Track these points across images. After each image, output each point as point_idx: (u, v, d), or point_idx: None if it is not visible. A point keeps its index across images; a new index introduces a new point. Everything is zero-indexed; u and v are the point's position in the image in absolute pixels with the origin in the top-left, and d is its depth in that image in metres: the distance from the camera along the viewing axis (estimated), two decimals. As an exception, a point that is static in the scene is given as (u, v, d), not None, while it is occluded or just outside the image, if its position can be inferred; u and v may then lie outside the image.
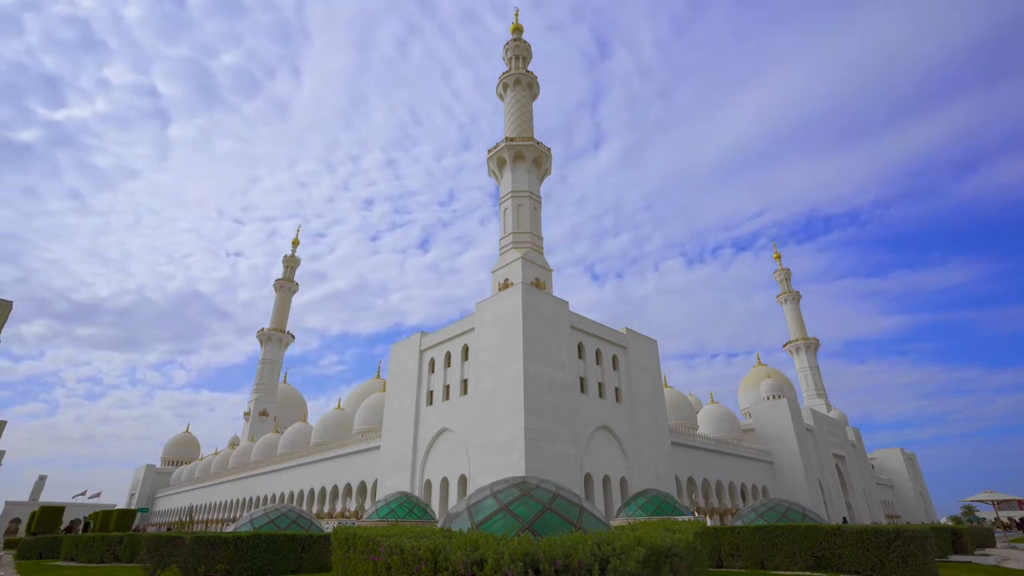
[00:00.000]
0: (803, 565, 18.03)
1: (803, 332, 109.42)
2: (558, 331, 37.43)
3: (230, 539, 17.03)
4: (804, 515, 20.56)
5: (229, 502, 74.72)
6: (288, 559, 17.97)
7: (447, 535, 6.81)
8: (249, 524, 20.48)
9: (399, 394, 44.75)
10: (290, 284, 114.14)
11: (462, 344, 40.02)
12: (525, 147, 51.77)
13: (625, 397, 42.08)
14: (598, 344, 41.50)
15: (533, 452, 31.62)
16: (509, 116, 56.67)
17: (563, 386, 35.86)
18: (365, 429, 57.01)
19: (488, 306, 38.36)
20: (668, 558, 6.59)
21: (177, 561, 17.57)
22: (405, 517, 26.21)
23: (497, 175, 53.62)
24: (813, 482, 62.81)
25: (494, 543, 5.89)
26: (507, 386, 33.91)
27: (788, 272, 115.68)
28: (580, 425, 36.45)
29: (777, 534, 18.87)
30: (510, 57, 60.37)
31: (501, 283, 45.85)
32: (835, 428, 79.83)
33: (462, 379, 39.23)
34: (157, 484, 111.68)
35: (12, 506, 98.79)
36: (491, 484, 10.64)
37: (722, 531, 20.57)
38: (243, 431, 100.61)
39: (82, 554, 29.79)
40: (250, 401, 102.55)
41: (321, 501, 54.31)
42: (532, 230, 49.09)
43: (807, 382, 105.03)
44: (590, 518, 9.32)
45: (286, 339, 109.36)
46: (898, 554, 16.33)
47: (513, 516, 8.95)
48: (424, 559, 5.94)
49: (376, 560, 6.97)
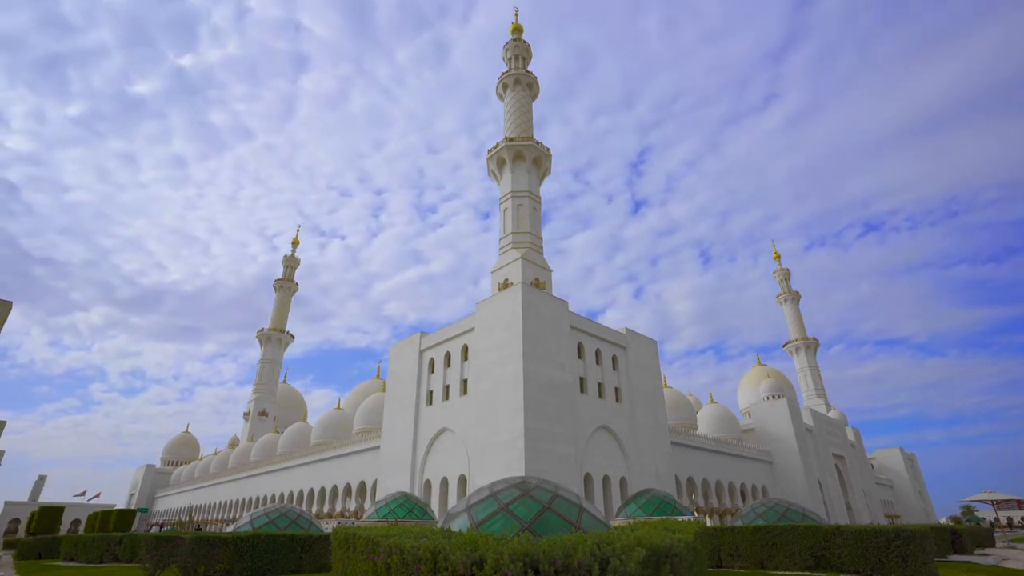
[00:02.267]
0: (803, 565, 18.04)
1: (803, 332, 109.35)
2: (558, 331, 37.42)
3: (230, 539, 17.03)
4: (804, 515, 20.57)
5: (229, 502, 74.69)
6: (288, 559, 17.97)
7: (447, 535, 6.82)
8: (249, 524, 20.49)
9: (399, 394, 44.74)
10: (290, 284, 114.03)
11: (462, 344, 40.01)
12: (525, 147, 51.77)
13: (625, 397, 42.08)
14: (598, 344, 41.50)
15: (533, 452, 31.61)
16: (509, 116, 56.65)
17: (563, 386, 35.85)
18: (365, 429, 57.00)
19: (488, 306, 38.35)
20: (668, 558, 6.59)
21: (177, 561, 17.57)
22: (405, 517, 26.22)
23: (497, 175, 53.61)
24: (813, 482, 62.82)
25: (494, 543, 5.89)
26: (507, 386, 33.90)
27: (788, 272, 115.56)
28: (580, 425, 36.44)
29: (777, 534, 18.88)
30: (510, 57, 60.33)
31: (501, 283, 45.85)
32: (835, 428, 79.84)
33: (462, 379, 39.22)
34: (157, 484, 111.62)
35: (12, 506, 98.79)
36: (491, 484, 10.64)
37: (722, 531, 20.57)
38: (243, 431, 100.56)
39: (82, 554, 29.78)
40: (250, 401, 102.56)
41: (321, 501, 54.29)
42: (532, 230, 49.09)
43: (807, 382, 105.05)
44: (590, 518, 9.32)
45: (286, 339, 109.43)
46: (898, 554, 16.34)
47: (513, 516, 8.95)
48: (424, 559, 5.95)
49: (376, 560, 6.97)
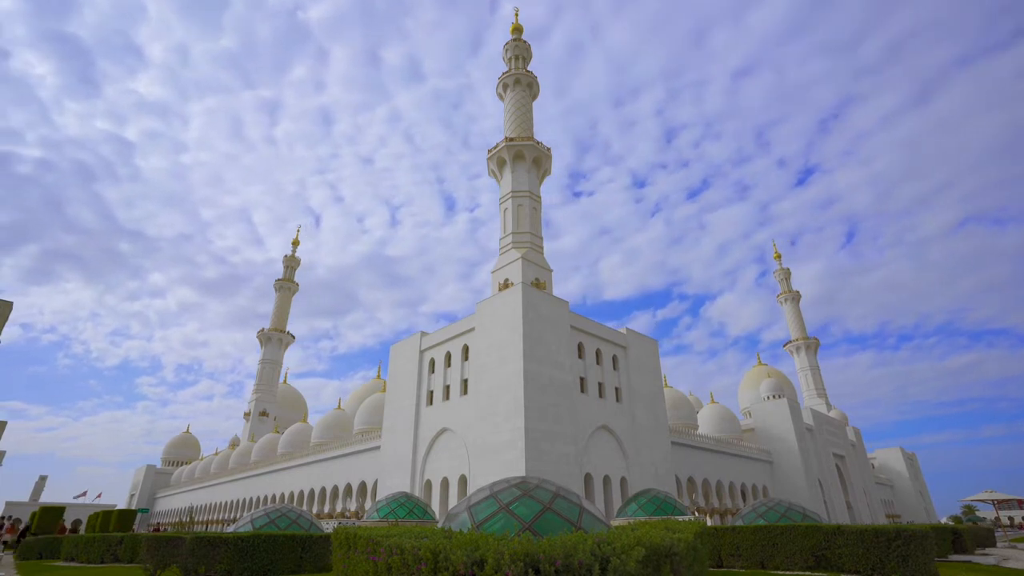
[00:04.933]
0: (803, 565, 18.02)
1: (803, 332, 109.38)
2: (558, 331, 37.42)
3: (230, 539, 17.01)
4: (804, 515, 20.56)
5: (229, 502, 74.71)
6: (288, 559, 17.95)
7: (447, 535, 6.81)
8: (249, 524, 20.46)
9: (399, 394, 44.74)
10: (290, 284, 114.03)
11: (462, 344, 40.01)
12: (525, 147, 51.77)
13: (625, 397, 42.07)
14: (598, 344, 41.49)
15: (533, 452, 31.61)
16: (509, 116, 56.65)
17: (563, 386, 35.85)
18: (365, 429, 56.99)
19: (488, 306, 38.35)
20: (668, 558, 6.58)
21: (177, 561, 17.57)
22: (405, 517, 26.20)
23: (497, 175, 53.61)
24: (813, 482, 62.80)
25: (494, 543, 5.89)
26: (507, 386, 33.90)
27: (788, 272, 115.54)
28: (580, 425, 36.44)
29: (777, 534, 18.85)
30: (510, 57, 60.33)
31: (501, 283, 45.84)
32: (835, 428, 79.85)
33: (462, 379, 39.22)
34: (157, 484, 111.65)
35: (12, 507, 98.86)
36: (491, 484, 10.63)
37: (722, 531, 20.55)
38: (243, 431, 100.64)
39: (82, 554, 29.76)
40: (250, 401, 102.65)
41: (321, 501, 54.30)
42: (532, 230, 49.09)
43: (807, 382, 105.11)
44: (590, 518, 9.31)
45: (286, 339, 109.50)
46: (898, 554, 16.32)
47: (513, 516, 8.94)
48: (424, 559, 5.94)
49: (376, 560, 6.97)
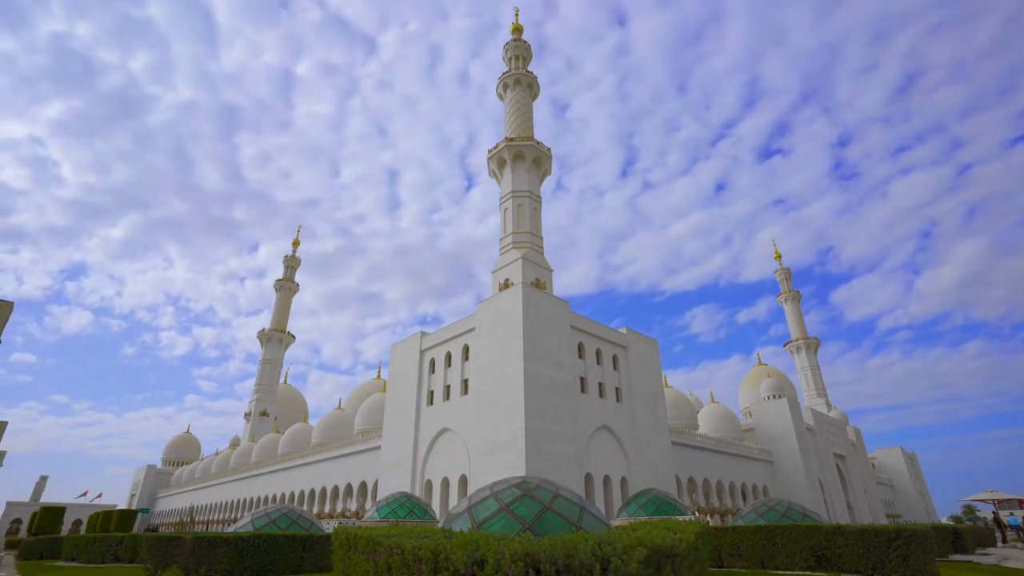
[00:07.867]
0: (803, 565, 18.02)
1: (803, 332, 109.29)
2: (558, 331, 37.41)
3: (231, 539, 17.02)
4: (804, 515, 20.55)
5: (230, 502, 74.70)
6: (289, 559, 17.97)
7: (448, 535, 6.81)
8: (250, 524, 20.48)
9: (399, 394, 44.74)
10: (290, 284, 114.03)
11: (462, 344, 40.01)
12: (525, 147, 51.76)
13: (625, 397, 42.06)
14: (598, 344, 41.48)
15: (533, 452, 31.61)
16: (509, 116, 56.64)
17: (563, 386, 35.85)
18: (365, 429, 56.97)
19: (488, 306, 38.34)
20: (669, 558, 6.58)
21: (178, 561, 17.58)
22: (406, 517, 26.21)
23: (497, 175, 53.61)
24: (813, 482, 62.78)
25: (495, 543, 5.89)
26: (507, 386, 33.89)
27: (788, 272, 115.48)
28: (580, 425, 36.43)
29: (777, 534, 18.85)
30: (510, 57, 60.31)
31: (501, 283, 45.83)
32: (835, 428, 79.81)
33: (462, 379, 39.21)
34: (158, 485, 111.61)
35: (13, 507, 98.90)
36: (491, 484, 10.63)
37: (722, 531, 20.54)
38: (244, 431, 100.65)
39: (83, 554, 29.80)
40: (250, 401, 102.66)
41: (321, 501, 54.30)
42: (532, 230, 49.07)
43: (807, 382, 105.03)
44: (590, 518, 9.31)
45: (286, 339, 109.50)
46: (899, 554, 16.31)
47: (514, 516, 8.94)
48: (425, 559, 5.94)
49: (377, 560, 6.97)
